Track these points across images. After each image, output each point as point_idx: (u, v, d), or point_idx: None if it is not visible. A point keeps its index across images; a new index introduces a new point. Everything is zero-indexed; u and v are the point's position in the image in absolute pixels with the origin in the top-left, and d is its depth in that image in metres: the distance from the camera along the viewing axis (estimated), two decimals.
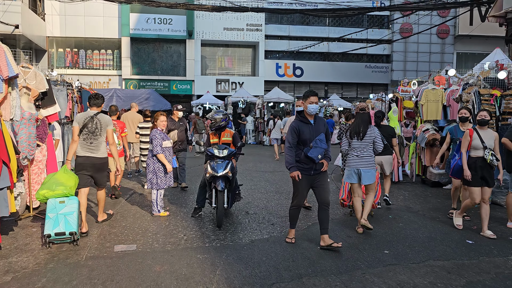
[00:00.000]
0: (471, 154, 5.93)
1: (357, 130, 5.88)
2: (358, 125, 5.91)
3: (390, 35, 29.08)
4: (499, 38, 29.28)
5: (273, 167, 13.41)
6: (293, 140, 5.17)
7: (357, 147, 5.89)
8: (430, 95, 9.98)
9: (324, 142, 5.20)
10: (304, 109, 5.25)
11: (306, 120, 5.23)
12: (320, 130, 5.23)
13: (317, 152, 5.12)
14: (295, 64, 29.07)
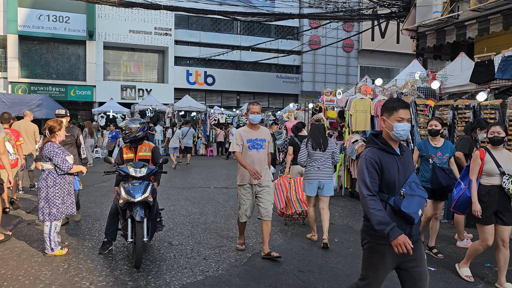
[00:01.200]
0: (482, 181, 4.52)
1: (319, 141, 5.89)
2: (318, 136, 5.93)
3: (300, 47, 29.49)
4: (397, 54, 31.38)
5: (190, 181, 12.13)
6: (373, 183, 2.85)
7: (319, 159, 5.88)
8: (359, 104, 9.60)
9: (421, 187, 2.98)
10: (388, 130, 2.96)
11: (391, 148, 2.95)
12: (410, 167, 3.02)
13: (416, 205, 2.85)
14: (206, 72, 28.01)
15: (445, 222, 7.34)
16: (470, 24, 11.81)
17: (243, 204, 5.36)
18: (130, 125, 5.48)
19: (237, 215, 6.39)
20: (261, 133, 5.38)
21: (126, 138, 5.47)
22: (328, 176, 5.91)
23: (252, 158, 5.23)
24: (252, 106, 5.34)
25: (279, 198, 6.91)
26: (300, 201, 6.80)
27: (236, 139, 5.29)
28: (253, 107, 5.34)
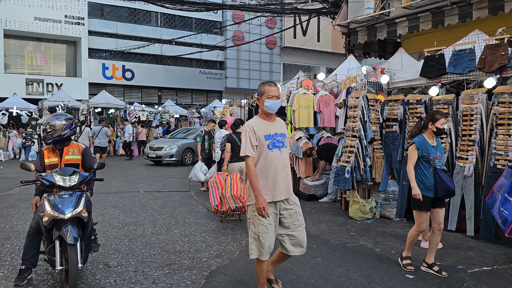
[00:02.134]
0: None
1: None
2: None
3: (224, 42, 28.79)
4: (317, 52, 32.08)
5: (115, 186, 10.86)
6: None
7: None
8: (302, 100, 9.18)
9: None
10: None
11: None
12: None
13: None
14: (124, 66, 26.12)
15: (397, 220, 7.14)
16: (400, 22, 11.99)
17: (264, 232, 3.62)
18: (53, 121, 4.37)
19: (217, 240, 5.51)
20: (279, 125, 3.87)
21: (49, 138, 4.36)
22: None
23: (274, 163, 3.69)
24: (269, 87, 3.71)
25: (214, 196, 6.84)
26: (234, 197, 6.68)
27: (249, 137, 3.66)
28: (271, 88, 3.70)
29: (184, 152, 16.17)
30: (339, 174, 7.30)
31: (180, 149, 16.12)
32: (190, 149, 16.19)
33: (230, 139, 7.47)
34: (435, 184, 4.48)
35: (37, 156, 4.52)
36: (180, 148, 16.13)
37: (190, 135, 17.05)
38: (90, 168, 4.54)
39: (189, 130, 18.35)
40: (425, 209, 4.55)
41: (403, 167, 7.11)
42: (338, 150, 7.83)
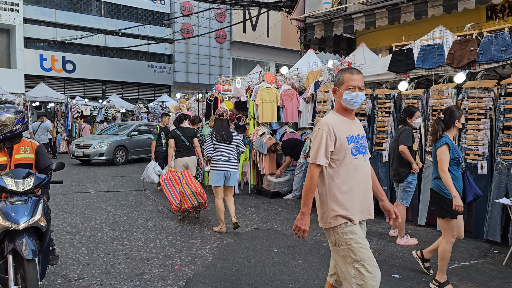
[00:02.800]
0: None
1: (224, 135, 5.94)
2: (222, 130, 5.96)
3: (172, 35, 27.84)
4: (266, 47, 31.99)
5: (61, 186, 9.97)
6: None
7: (225, 151, 5.93)
8: (265, 94, 8.89)
9: None
10: None
11: None
12: None
13: None
14: (65, 57, 24.42)
15: None
16: (357, 17, 12.06)
17: (369, 258, 2.76)
18: (2, 115, 3.74)
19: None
20: (360, 125, 3.05)
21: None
22: (234, 167, 6.05)
23: (361, 175, 2.89)
24: (350, 75, 2.85)
25: (172, 194, 6.60)
26: (196, 193, 6.52)
27: (326, 139, 2.80)
28: (352, 77, 2.84)
29: (115, 150, 14.49)
30: None
31: (111, 147, 14.38)
32: (123, 147, 14.72)
33: (174, 134, 7.29)
34: (464, 188, 4.04)
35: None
36: (111, 146, 14.39)
37: (124, 131, 15.46)
38: (45, 169, 3.96)
39: (122, 125, 16.54)
40: (456, 216, 4.01)
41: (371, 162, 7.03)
42: (305, 146, 7.62)
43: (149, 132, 14.70)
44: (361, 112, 7.22)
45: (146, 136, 15.00)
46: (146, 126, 16.08)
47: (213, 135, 5.95)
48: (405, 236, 5.61)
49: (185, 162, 7.26)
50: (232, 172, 5.98)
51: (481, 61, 5.99)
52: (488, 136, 5.75)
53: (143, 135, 15.40)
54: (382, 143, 6.90)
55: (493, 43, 5.85)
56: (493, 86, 5.74)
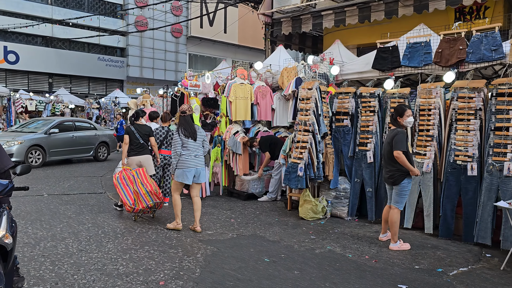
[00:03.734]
0: None
1: (190, 131, 5.84)
2: (187, 127, 5.85)
3: (125, 27, 26.52)
4: (224, 44, 31.41)
5: None
6: None
7: (192, 148, 5.84)
8: (239, 91, 8.41)
9: None
10: None
11: None
12: None
13: None
14: (7, 47, 22.50)
15: (349, 219, 6.80)
16: (326, 14, 11.85)
17: None
18: None
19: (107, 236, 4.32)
20: None
21: None
22: (203, 163, 5.97)
23: None
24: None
25: (126, 194, 6.30)
26: (151, 193, 6.34)
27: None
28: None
29: (28, 150, 11.97)
30: (290, 171, 6.71)
31: (22, 146, 11.82)
32: (39, 147, 12.29)
33: (128, 130, 6.99)
34: None
35: None
36: (22, 145, 11.84)
37: (43, 128, 12.87)
38: (5, 172, 3.29)
39: (47, 121, 13.49)
40: None
41: (355, 163, 6.79)
42: (285, 145, 7.23)
43: (76, 129, 13.61)
44: (344, 111, 6.94)
45: (71, 134, 13.31)
46: (72, 122, 13.98)
47: (180, 131, 5.81)
48: (398, 241, 5.36)
49: (138, 160, 6.95)
50: (201, 169, 5.91)
51: (470, 60, 5.88)
52: (478, 137, 5.64)
53: (66, 133, 13.18)
54: (366, 143, 6.66)
55: (483, 42, 5.75)
56: (483, 86, 5.63)
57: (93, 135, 14.16)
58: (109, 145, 14.80)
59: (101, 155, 14.45)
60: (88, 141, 13.94)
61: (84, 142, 13.78)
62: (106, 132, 15.13)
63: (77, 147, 13.54)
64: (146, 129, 7.13)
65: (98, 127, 15.08)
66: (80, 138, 13.64)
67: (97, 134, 14.30)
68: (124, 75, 26.89)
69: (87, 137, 13.95)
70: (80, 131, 13.80)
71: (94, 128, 14.54)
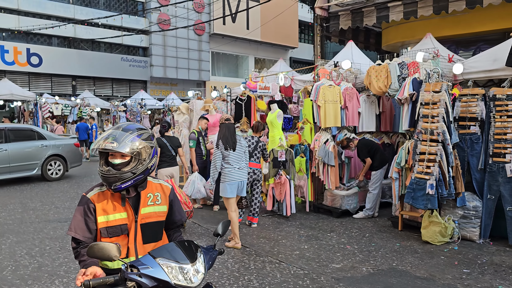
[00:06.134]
0: None
1: (229, 141, 5.67)
2: (228, 136, 5.68)
3: (148, 26, 25.55)
4: (246, 41, 30.40)
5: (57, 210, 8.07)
6: None
7: (233, 160, 5.67)
8: (328, 93, 7.45)
9: None
10: None
11: None
12: None
13: None
14: (29, 49, 21.59)
15: (482, 242, 5.83)
16: (394, 6, 10.84)
17: None
18: (132, 142, 2.17)
19: None
20: None
21: (124, 179, 2.16)
22: (246, 176, 5.85)
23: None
24: None
25: None
26: (181, 203, 5.77)
27: None
28: None
29: None
30: (414, 189, 5.75)
31: None
32: None
33: (160, 143, 6.86)
34: None
35: (80, 209, 2.21)
36: None
37: None
38: (178, 227, 2.45)
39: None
40: None
41: (487, 177, 5.82)
42: (399, 157, 6.26)
43: (9, 140, 10.50)
44: (470, 116, 5.96)
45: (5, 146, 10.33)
46: (2, 130, 10.59)
47: (220, 143, 5.66)
48: None
49: (170, 172, 7.00)
50: (244, 182, 5.81)
51: None
52: None
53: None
54: (503, 154, 5.68)
55: None
56: None
57: (38, 146, 10.99)
58: (66, 159, 11.56)
59: (53, 173, 11.35)
60: (30, 155, 10.81)
61: (24, 156, 10.69)
62: (61, 141, 11.69)
63: (12, 164, 10.43)
64: (176, 141, 7.20)
65: (49, 135, 11.76)
66: (17, 151, 10.56)
67: (44, 145, 11.09)
68: (147, 75, 25.94)
69: (28, 149, 10.83)
70: (17, 142, 10.66)
71: (41, 137, 11.21)
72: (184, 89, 28.25)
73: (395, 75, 7.18)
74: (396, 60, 7.48)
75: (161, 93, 26.66)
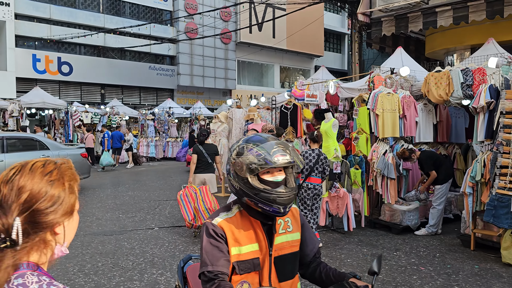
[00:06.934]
0: None
1: None
2: None
3: (176, 35, 25.55)
4: (272, 49, 30.16)
5: (108, 217, 7.79)
6: None
7: None
8: (386, 102, 7.02)
9: None
10: None
11: None
12: None
13: None
14: (60, 58, 21.75)
15: None
16: (443, 11, 10.39)
17: None
18: (282, 157, 1.78)
19: None
20: None
21: (282, 203, 1.77)
22: None
23: None
24: None
25: (187, 210, 6.50)
26: (209, 209, 6.47)
27: None
28: None
29: None
30: (495, 206, 5.26)
31: None
32: None
33: (197, 150, 7.26)
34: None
35: (210, 239, 1.83)
36: None
37: None
38: (313, 257, 2.06)
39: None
40: None
41: None
42: (474, 171, 5.77)
43: (6, 150, 9.53)
44: None
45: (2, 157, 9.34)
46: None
47: None
48: None
49: (203, 178, 7.23)
50: None
51: None
52: None
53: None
54: None
55: None
56: None
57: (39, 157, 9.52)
58: None
59: None
60: None
61: None
62: (66, 152, 10.64)
63: None
64: (213, 149, 7.49)
65: (53, 145, 10.66)
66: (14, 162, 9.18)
67: (46, 155, 9.58)
68: (174, 84, 25.88)
69: None
70: (15, 153, 9.72)
71: (43, 147, 10.17)
72: (210, 98, 28.12)
73: (457, 82, 6.75)
74: (458, 66, 7.05)
75: (188, 102, 26.56)
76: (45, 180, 1.12)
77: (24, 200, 1.06)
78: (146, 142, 20.76)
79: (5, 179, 1.11)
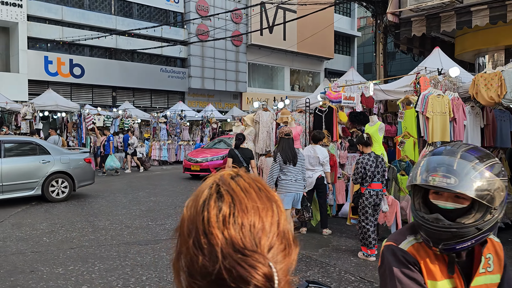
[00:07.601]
0: None
1: (288, 156, 5.78)
2: (288, 150, 5.81)
3: (187, 36, 25.26)
4: (282, 52, 29.86)
5: (143, 223, 7.44)
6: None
7: (291, 173, 5.81)
8: (436, 104, 6.65)
9: None
10: None
11: None
12: None
13: None
14: (72, 60, 21.47)
15: None
16: (478, 10, 10.03)
17: None
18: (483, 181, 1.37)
19: None
20: None
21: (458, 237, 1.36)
22: (302, 188, 6.01)
23: None
24: None
25: None
26: None
27: None
28: None
29: None
30: None
31: None
32: None
33: (232, 154, 7.32)
34: None
35: (401, 268, 1.46)
36: None
37: None
38: None
39: None
40: None
41: None
42: None
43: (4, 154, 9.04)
44: None
45: None
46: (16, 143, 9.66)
47: (278, 155, 5.80)
48: None
49: None
50: (300, 194, 5.96)
51: None
52: None
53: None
54: None
55: None
56: None
57: (38, 162, 9.44)
58: (73, 176, 9.89)
59: (57, 193, 9.70)
60: (28, 172, 9.25)
61: (20, 174, 9.13)
62: (68, 157, 10.07)
63: (4, 183, 8.87)
64: (248, 153, 7.48)
65: (54, 149, 10.11)
66: (12, 168, 9.05)
67: (46, 160, 9.53)
68: (185, 86, 25.57)
69: (26, 165, 9.31)
70: (13, 157, 9.25)
71: (44, 152, 9.65)
72: (221, 101, 27.79)
73: (511, 84, 6.38)
74: (511, 67, 6.68)
75: (198, 105, 26.25)
76: None
77: None
78: (158, 146, 20.45)
79: None
